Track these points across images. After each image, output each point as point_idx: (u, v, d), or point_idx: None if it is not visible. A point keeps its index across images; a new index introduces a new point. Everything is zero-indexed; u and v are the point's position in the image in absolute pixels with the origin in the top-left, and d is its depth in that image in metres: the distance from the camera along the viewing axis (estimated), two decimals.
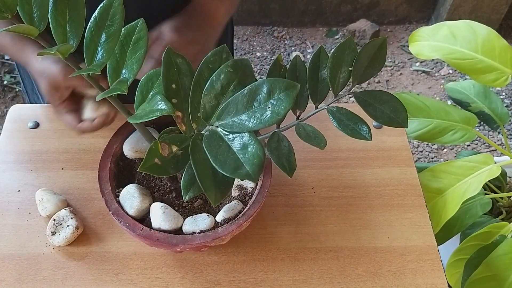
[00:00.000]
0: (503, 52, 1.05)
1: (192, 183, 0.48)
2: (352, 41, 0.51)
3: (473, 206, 1.08)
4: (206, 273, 0.67)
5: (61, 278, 0.65)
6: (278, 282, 0.66)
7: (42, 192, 0.71)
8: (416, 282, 0.67)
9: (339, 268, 0.68)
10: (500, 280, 0.90)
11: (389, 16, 2.31)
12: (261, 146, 0.42)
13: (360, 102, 0.50)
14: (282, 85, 0.40)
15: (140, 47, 0.51)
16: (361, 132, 0.49)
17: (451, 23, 1.10)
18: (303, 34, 2.29)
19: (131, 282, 0.65)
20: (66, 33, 0.48)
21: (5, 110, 1.94)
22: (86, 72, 0.47)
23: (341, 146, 0.82)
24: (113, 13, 0.49)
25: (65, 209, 0.69)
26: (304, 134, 0.50)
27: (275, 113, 0.40)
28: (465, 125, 1.11)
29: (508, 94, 2.05)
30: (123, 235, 0.69)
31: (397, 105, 0.51)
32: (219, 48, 0.49)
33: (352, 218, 0.73)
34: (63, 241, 0.67)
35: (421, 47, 1.11)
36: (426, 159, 1.83)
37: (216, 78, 0.45)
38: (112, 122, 0.70)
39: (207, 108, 0.45)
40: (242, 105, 0.42)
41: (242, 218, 0.59)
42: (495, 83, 1.06)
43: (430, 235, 0.72)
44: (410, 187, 0.77)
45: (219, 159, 0.41)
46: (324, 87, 0.53)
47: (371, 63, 0.51)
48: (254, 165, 0.41)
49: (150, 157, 0.46)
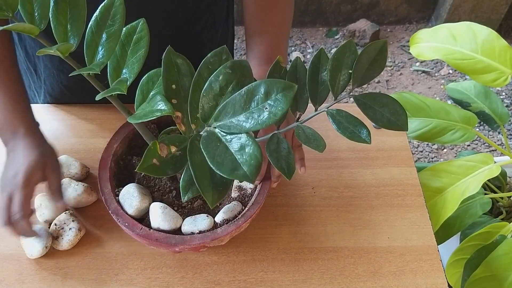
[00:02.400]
0: (502, 52, 1.05)
1: (191, 184, 0.48)
2: (352, 44, 0.51)
3: (473, 206, 1.08)
4: (206, 273, 0.67)
5: (61, 278, 0.65)
6: (278, 282, 0.66)
7: (41, 197, 0.70)
8: (416, 282, 0.67)
9: (339, 268, 0.68)
10: (500, 280, 0.90)
11: (389, 16, 2.31)
12: (259, 147, 0.41)
13: (360, 104, 0.50)
14: (279, 86, 0.40)
15: (141, 47, 0.51)
16: (361, 135, 0.49)
17: (451, 25, 1.11)
18: (303, 34, 2.28)
19: (131, 282, 0.65)
20: (67, 32, 0.48)
21: None
22: (85, 71, 0.47)
23: (341, 146, 0.82)
24: (114, 12, 0.49)
25: (65, 213, 0.69)
26: (303, 137, 0.50)
27: (273, 114, 0.40)
28: (465, 125, 1.11)
29: (508, 94, 2.05)
30: (123, 235, 0.69)
31: (397, 108, 0.51)
32: (219, 49, 0.49)
33: (352, 218, 0.73)
34: (67, 244, 0.66)
35: (422, 48, 1.12)
36: (426, 159, 1.83)
37: (215, 79, 0.45)
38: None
39: (206, 109, 0.45)
40: (240, 106, 0.42)
41: (241, 219, 0.59)
42: (495, 83, 1.06)
43: (430, 235, 0.72)
44: (410, 187, 0.77)
45: (216, 160, 0.41)
46: (324, 90, 0.52)
47: (371, 66, 0.51)
48: (251, 166, 0.40)
49: (148, 157, 0.46)
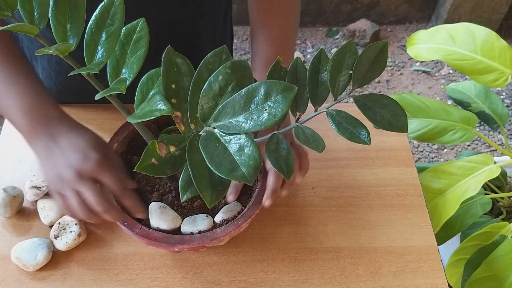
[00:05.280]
0: (502, 53, 1.05)
1: (190, 184, 0.48)
2: (353, 44, 0.51)
3: (473, 206, 1.08)
4: (206, 273, 0.67)
5: (61, 278, 0.65)
6: (278, 282, 0.66)
7: (45, 200, 0.70)
8: (416, 282, 0.67)
9: (339, 268, 0.68)
10: (500, 280, 0.90)
11: (389, 16, 2.30)
12: (258, 148, 0.41)
13: (360, 105, 0.50)
14: (279, 87, 0.40)
15: (140, 46, 0.51)
16: (360, 136, 0.49)
17: (449, 26, 1.12)
18: (303, 34, 2.28)
19: (131, 282, 0.65)
20: (66, 32, 0.48)
21: None
22: (85, 70, 0.46)
23: (341, 146, 0.82)
24: (113, 12, 0.48)
25: None
26: (303, 137, 0.50)
27: (272, 115, 0.40)
28: (465, 125, 1.11)
29: (508, 94, 2.05)
30: (123, 235, 0.69)
31: (397, 109, 0.50)
32: (219, 49, 0.49)
33: (352, 218, 0.73)
34: (64, 246, 0.67)
35: (419, 49, 1.12)
36: (426, 159, 1.82)
37: (214, 79, 0.45)
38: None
39: (205, 109, 0.45)
40: (239, 106, 0.42)
41: (240, 220, 0.59)
42: (495, 83, 1.06)
43: (430, 235, 0.72)
44: (410, 187, 0.77)
45: (215, 160, 0.41)
46: (324, 90, 0.52)
47: (371, 67, 0.51)
48: (250, 167, 0.40)
49: (147, 157, 0.46)
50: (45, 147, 0.55)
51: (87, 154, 0.53)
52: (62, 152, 0.53)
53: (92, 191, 0.52)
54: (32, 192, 0.71)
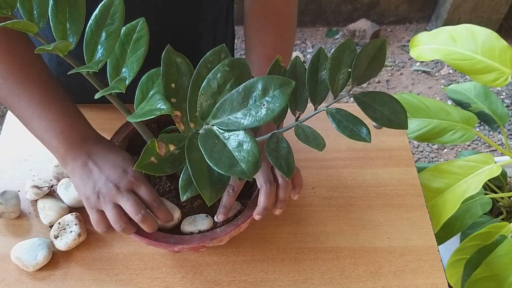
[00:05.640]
0: (502, 53, 1.05)
1: (190, 183, 0.48)
2: (351, 42, 0.51)
3: (473, 206, 1.08)
4: (206, 273, 0.67)
5: (61, 278, 0.65)
6: (278, 282, 0.66)
7: (45, 199, 0.71)
8: (416, 282, 0.67)
9: (339, 268, 0.68)
10: (500, 280, 0.90)
11: (389, 16, 2.31)
12: (257, 144, 0.41)
13: (360, 103, 0.50)
14: (276, 82, 0.40)
15: (140, 46, 0.51)
16: (361, 134, 0.49)
17: (450, 28, 1.12)
18: (303, 34, 2.28)
19: (131, 282, 0.65)
20: (66, 31, 0.48)
21: (5, 110, 1.94)
22: (84, 69, 0.46)
23: (341, 146, 0.82)
24: (113, 11, 0.48)
25: (71, 214, 0.69)
26: (303, 136, 0.50)
27: (270, 110, 0.40)
28: (465, 125, 1.11)
29: (508, 94, 2.05)
30: (123, 235, 0.69)
31: (396, 106, 0.50)
32: (218, 47, 0.48)
33: (352, 218, 0.73)
34: (64, 246, 0.67)
35: (422, 50, 1.13)
36: (426, 159, 1.82)
37: (213, 77, 0.45)
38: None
39: (204, 107, 0.44)
40: (237, 103, 0.42)
41: (240, 219, 0.59)
42: (495, 83, 1.06)
43: (430, 235, 0.72)
44: (410, 187, 0.77)
45: (214, 157, 0.41)
46: (324, 88, 0.52)
47: (370, 64, 0.51)
48: (249, 162, 0.40)
49: (147, 155, 0.46)
50: (82, 166, 0.57)
51: (125, 170, 0.56)
52: (100, 169, 0.56)
53: (131, 200, 0.55)
54: (33, 191, 0.71)
